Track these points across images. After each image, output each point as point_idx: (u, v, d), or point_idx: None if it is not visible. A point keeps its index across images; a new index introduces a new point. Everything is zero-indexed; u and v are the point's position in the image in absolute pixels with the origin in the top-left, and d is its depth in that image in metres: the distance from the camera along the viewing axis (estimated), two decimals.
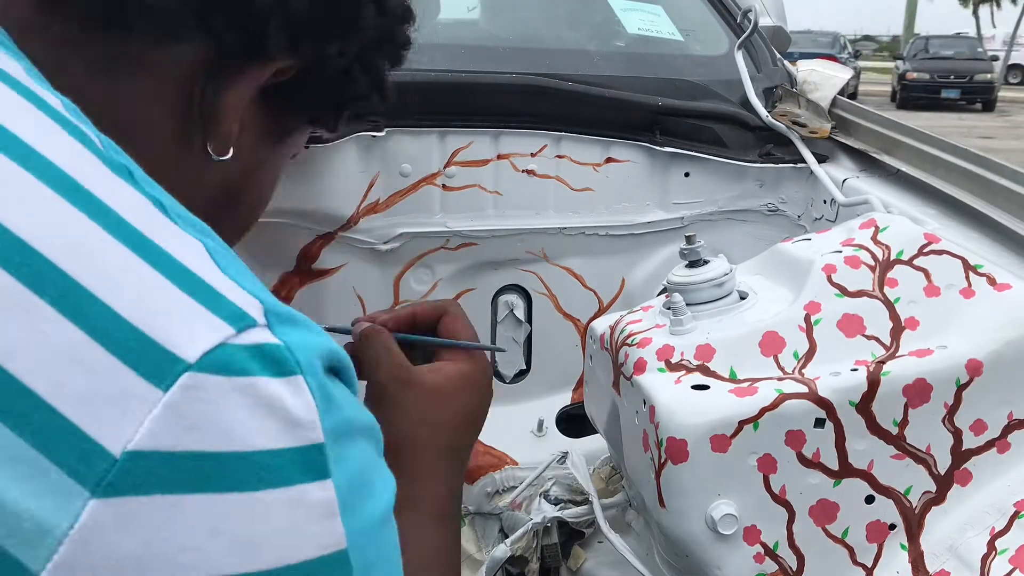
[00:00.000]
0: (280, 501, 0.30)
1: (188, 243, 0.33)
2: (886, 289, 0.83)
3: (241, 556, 0.30)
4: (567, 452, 1.19)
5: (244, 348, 0.31)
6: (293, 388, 0.31)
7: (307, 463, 0.31)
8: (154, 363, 0.29)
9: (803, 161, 1.34)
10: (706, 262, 0.89)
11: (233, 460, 0.30)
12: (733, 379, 0.80)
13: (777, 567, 0.78)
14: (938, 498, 0.80)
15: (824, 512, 0.78)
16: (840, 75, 1.42)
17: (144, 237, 0.32)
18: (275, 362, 0.31)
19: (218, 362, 0.30)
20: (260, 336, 0.31)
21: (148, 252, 0.31)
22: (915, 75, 17.71)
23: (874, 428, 0.78)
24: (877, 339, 0.81)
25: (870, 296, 0.83)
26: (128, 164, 0.35)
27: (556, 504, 1.17)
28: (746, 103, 1.37)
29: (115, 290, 0.30)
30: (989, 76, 17.82)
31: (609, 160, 1.33)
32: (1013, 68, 25.54)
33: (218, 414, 0.29)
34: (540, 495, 1.20)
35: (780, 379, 0.79)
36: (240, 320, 0.31)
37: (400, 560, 0.37)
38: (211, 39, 0.49)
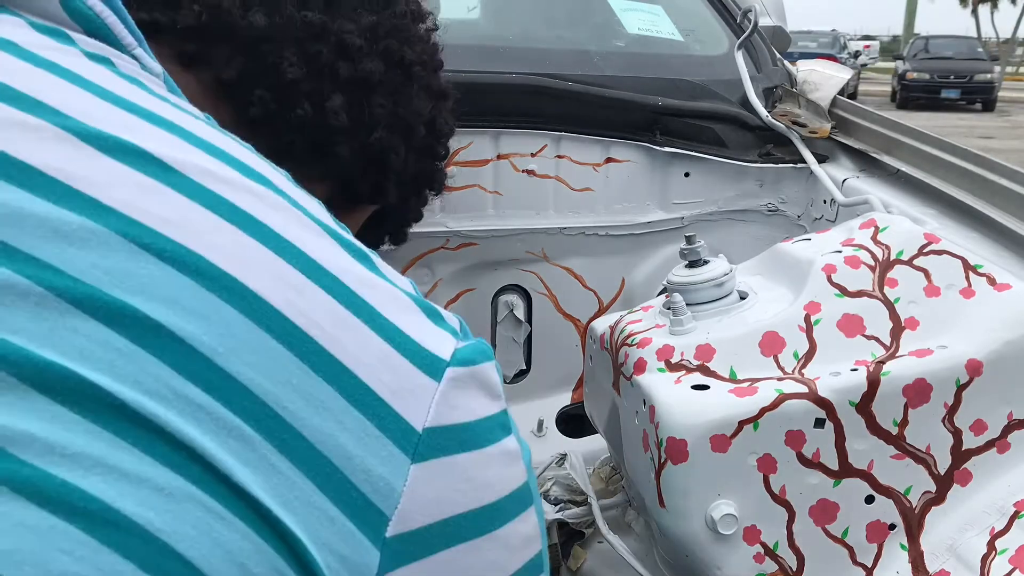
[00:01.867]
0: (495, 452, 0.42)
1: (405, 281, 0.44)
2: (886, 289, 0.83)
3: (483, 492, 0.41)
4: (566, 454, 1.19)
5: (466, 348, 0.42)
6: (494, 370, 0.44)
7: (503, 424, 0.43)
8: (430, 364, 0.40)
9: (803, 161, 1.33)
10: (706, 262, 0.89)
11: (473, 427, 0.41)
12: (733, 379, 0.80)
13: (777, 567, 0.78)
14: (938, 498, 0.80)
15: (824, 512, 0.78)
16: (840, 75, 1.42)
17: (389, 280, 0.43)
18: (485, 353, 0.43)
19: (459, 359, 0.41)
20: (464, 341, 0.43)
21: (398, 288, 0.43)
22: (915, 75, 17.70)
23: (874, 428, 0.78)
24: (877, 339, 0.81)
25: (870, 296, 0.83)
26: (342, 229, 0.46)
27: (556, 505, 1.17)
28: (746, 103, 1.37)
29: (396, 315, 0.41)
30: (989, 76, 17.81)
31: (609, 160, 1.33)
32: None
33: (464, 395, 0.41)
34: (540, 495, 1.20)
35: (780, 379, 0.79)
36: (455, 333, 0.43)
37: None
38: (344, 182, 0.70)
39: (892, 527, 0.80)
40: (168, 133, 0.40)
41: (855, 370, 0.78)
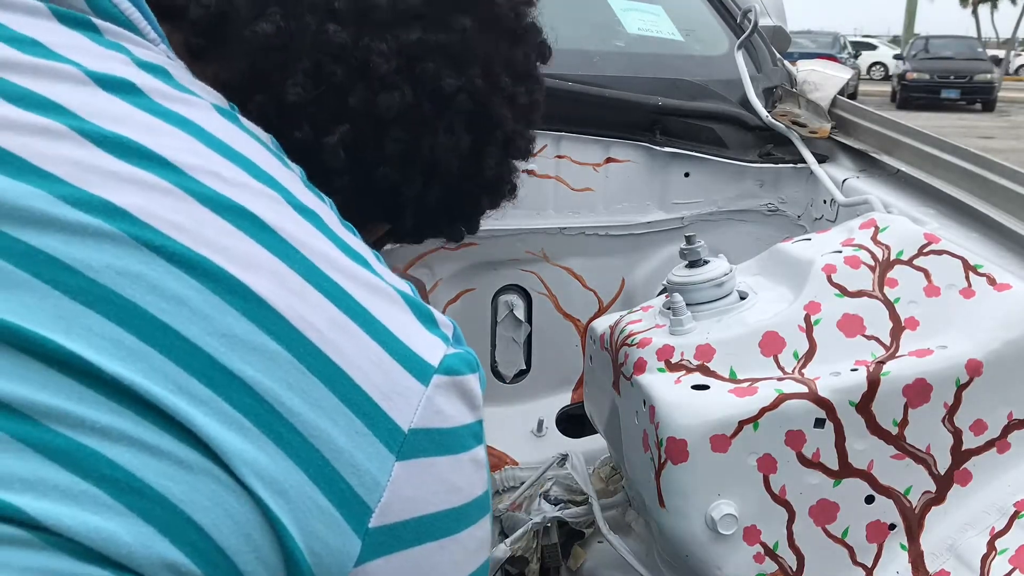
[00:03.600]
0: (467, 459, 0.45)
1: (403, 284, 0.47)
2: (886, 289, 0.83)
3: (454, 495, 0.44)
4: (567, 454, 1.19)
5: (454, 356, 0.45)
6: (477, 381, 0.46)
7: (477, 434, 0.46)
8: (419, 368, 0.43)
9: (803, 161, 1.34)
10: (706, 262, 0.89)
11: (452, 433, 0.44)
12: (733, 379, 0.80)
13: (777, 567, 0.78)
14: (938, 498, 0.80)
15: (824, 512, 0.78)
16: (840, 75, 1.42)
17: (387, 282, 0.45)
18: (470, 364, 0.46)
19: (445, 367, 0.44)
20: (454, 348, 0.46)
21: (395, 291, 0.45)
22: (915, 75, 17.68)
23: (874, 428, 0.78)
24: (877, 339, 0.81)
25: (870, 296, 0.83)
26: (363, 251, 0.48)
27: (556, 504, 1.17)
28: (746, 103, 1.37)
29: (391, 320, 0.44)
30: (989, 76, 17.78)
31: (609, 160, 1.33)
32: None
33: (447, 402, 0.44)
34: (540, 495, 1.20)
35: (780, 379, 0.79)
36: (447, 339, 0.46)
37: None
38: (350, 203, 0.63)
39: (892, 527, 0.80)
40: (185, 133, 0.43)
41: (855, 370, 0.78)
